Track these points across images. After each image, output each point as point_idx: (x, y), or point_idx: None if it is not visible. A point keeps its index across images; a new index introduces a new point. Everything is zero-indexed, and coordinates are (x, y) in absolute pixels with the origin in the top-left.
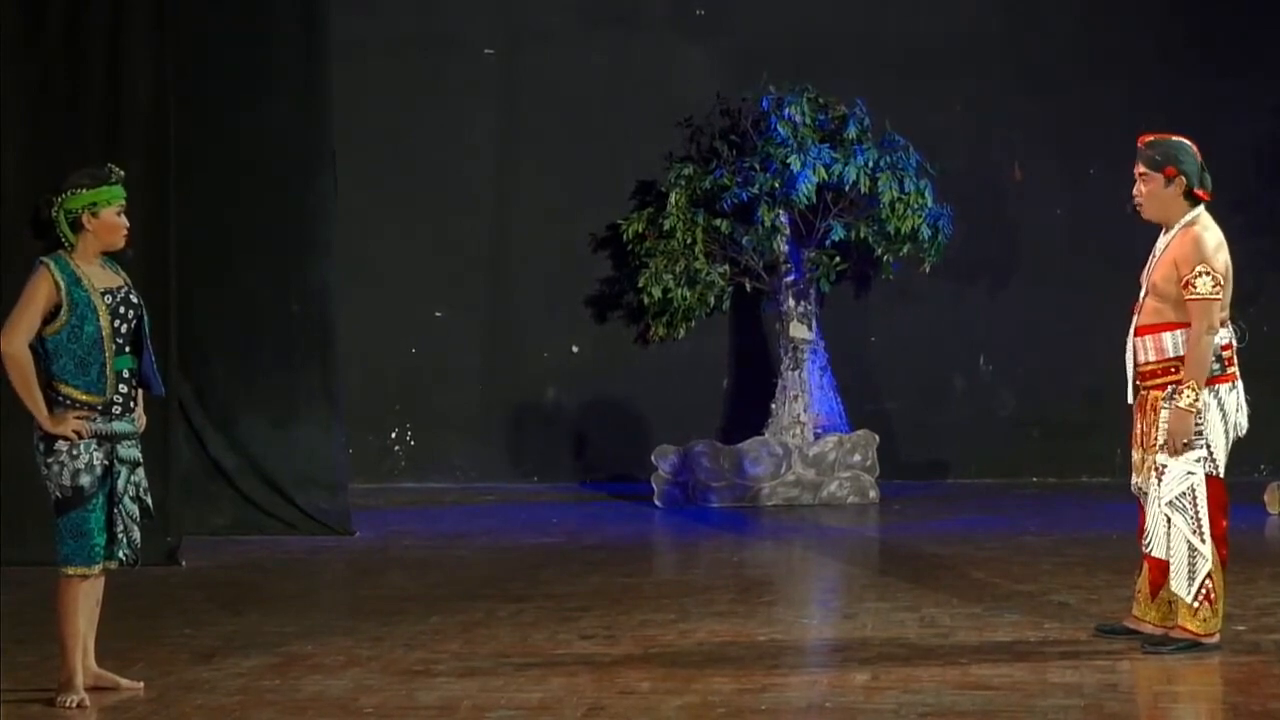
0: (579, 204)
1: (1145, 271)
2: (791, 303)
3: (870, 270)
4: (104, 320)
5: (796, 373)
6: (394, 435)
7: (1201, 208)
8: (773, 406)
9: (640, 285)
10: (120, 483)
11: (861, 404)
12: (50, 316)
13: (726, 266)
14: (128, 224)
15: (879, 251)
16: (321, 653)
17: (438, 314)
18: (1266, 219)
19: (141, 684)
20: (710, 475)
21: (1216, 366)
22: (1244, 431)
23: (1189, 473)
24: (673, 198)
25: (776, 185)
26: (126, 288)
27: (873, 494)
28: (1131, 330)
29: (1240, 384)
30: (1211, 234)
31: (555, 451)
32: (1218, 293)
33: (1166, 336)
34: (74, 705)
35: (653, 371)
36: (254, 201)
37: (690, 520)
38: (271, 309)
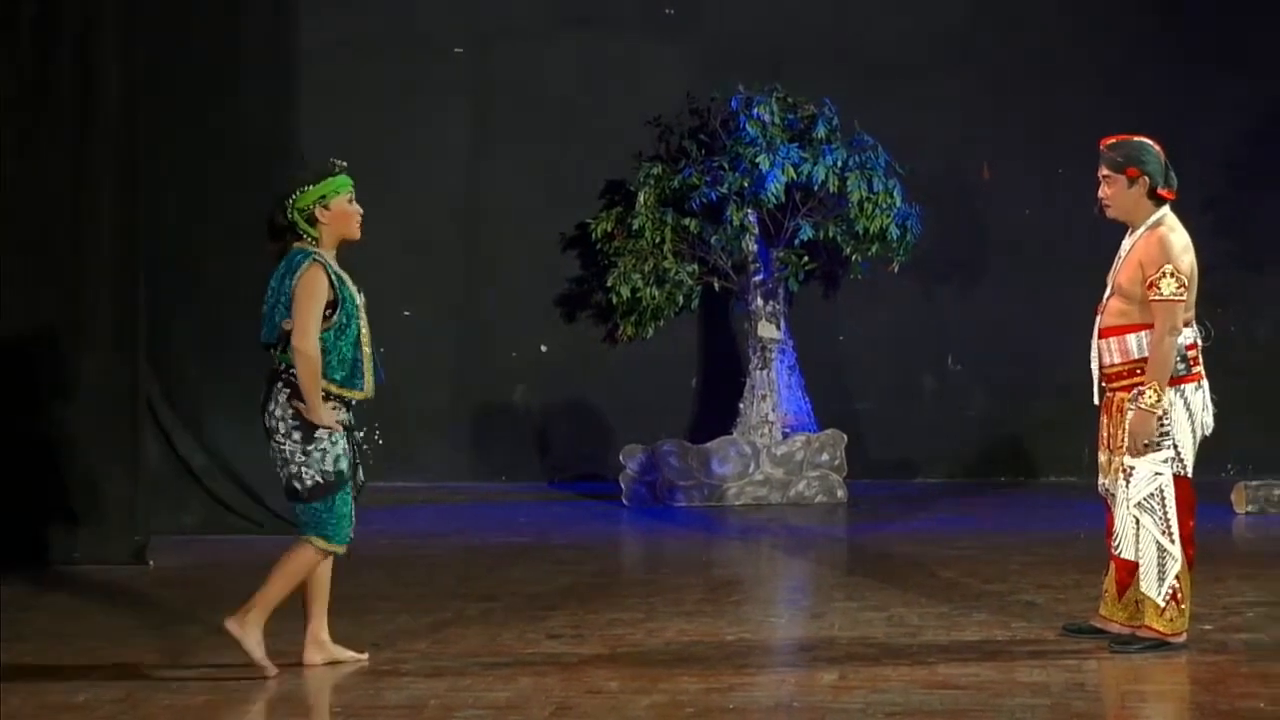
0: (548, 203)
1: (1111, 272)
2: (760, 302)
3: (839, 270)
4: (363, 319)
5: (765, 372)
6: (362, 435)
7: (1167, 208)
8: (741, 406)
9: (609, 284)
10: (359, 470)
11: (830, 403)
12: (325, 315)
13: (695, 266)
14: (361, 210)
15: (847, 251)
16: (289, 652)
17: (406, 313)
18: (1234, 219)
19: (366, 655)
20: (678, 474)
21: (1182, 367)
22: (1210, 431)
23: (1156, 473)
24: (641, 197)
25: (745, 185)
26: (358, 285)
27: (841, 493)
28: (1096, 332)
29: (1206, 384)
30: (1177, 235)
31: (524, 450)
32: (1182, 294)
33: (1131, 338)
34: (271, 673)
35: (621, 371)
36: (224, 200)
37: (658, 519)
38: (241, 308)
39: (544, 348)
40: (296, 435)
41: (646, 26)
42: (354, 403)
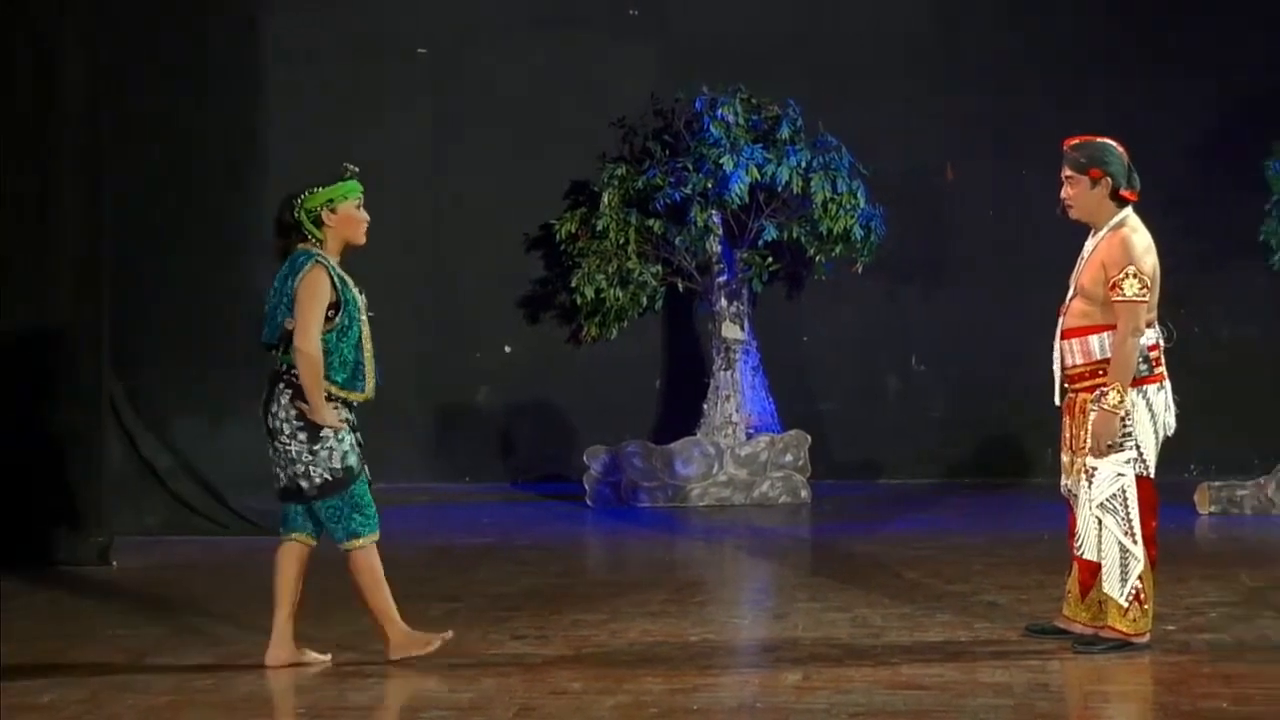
0: (512, 204)
1: (1073, 273)
2: (724, 303)
3: (803, 270)
4: (365, 323)
5: (729, 373)
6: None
7: (1129, 209)
8: (705, 407)
9: (573, 285)
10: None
11: (794, 404)
12: (327, 316)
13: (659, 267)
14: (368, 217)
15: (811, 252)
16: (254, 653)
17: (370, 314)
18: (1198, 220)
19: (329, 656)
20: (642, 475)
21: (1144, 367)
22: (1172, 431)
23: (1119, 474)
24: (606, 198)
25: (709, 185)
26: (360, 286)
27: (805, 494)
28: (1058, 333)
29: (1168, 384)
30: (1140, 236)
31: (487, 451)
32: (1144, 295)
33: (1093, 339)
34: (441, 643)
35: (585, 371)
36: (188, 201)
37: (622, 520)
38: (205, 309)
39: (508, 348)
40: (302, 436)
41: (611, 27)
42: (355, 404)
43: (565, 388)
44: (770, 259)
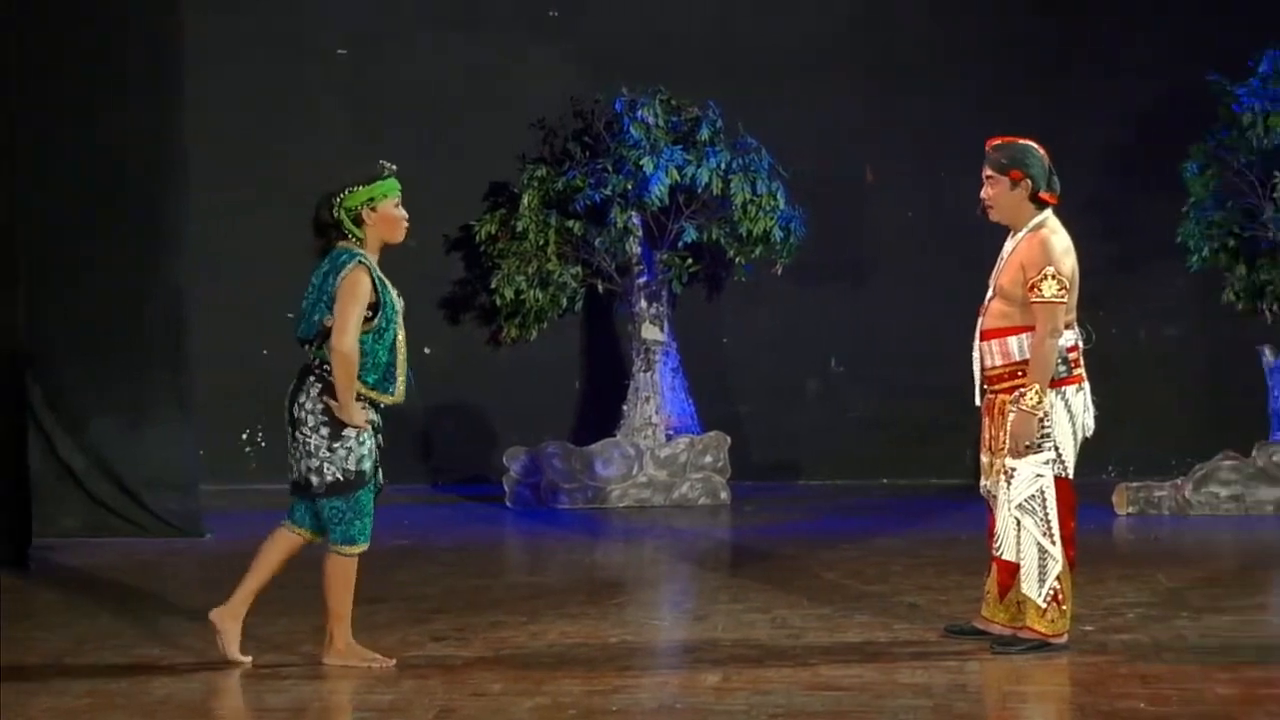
0: (431, 205)
1: (993, 274)
2: (644, 304)
3: (722, 272)
4: (400, 326)
5: (648, 374)
6: (245, 436)
7: (1049, 211)
8: (624, 408)
9: (493, 287)
10: (379, 472)
11: (713, 405)
12: (365, 317)
13: (579, 268)
14: (406, 216)
15: (731, 253)
16: (172, 655)
17: (289, 315)
18: (1115, 221)
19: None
20: (561, 476)
21: (1063, 369)
22: (1091, 433)
23: (1038, 475)
24: (525, 199)
25: (629, 187)
26: (397, 289)
27: (724, 495)
28: (977, 334)
29: (1087, 385)
30: (1059, 238)
31: (407, 453)
32: (1062, 296)
33: (1012, 340)
34: (383, 666)
35: (505, 373)
36: (106, 202)
37: (541, 522)
38: (123, 310)
39: (427, 350)
40: (324, 430)
41: (530, 28)
42: (382, 406)
43: (485, 389)
44: (690, 260)
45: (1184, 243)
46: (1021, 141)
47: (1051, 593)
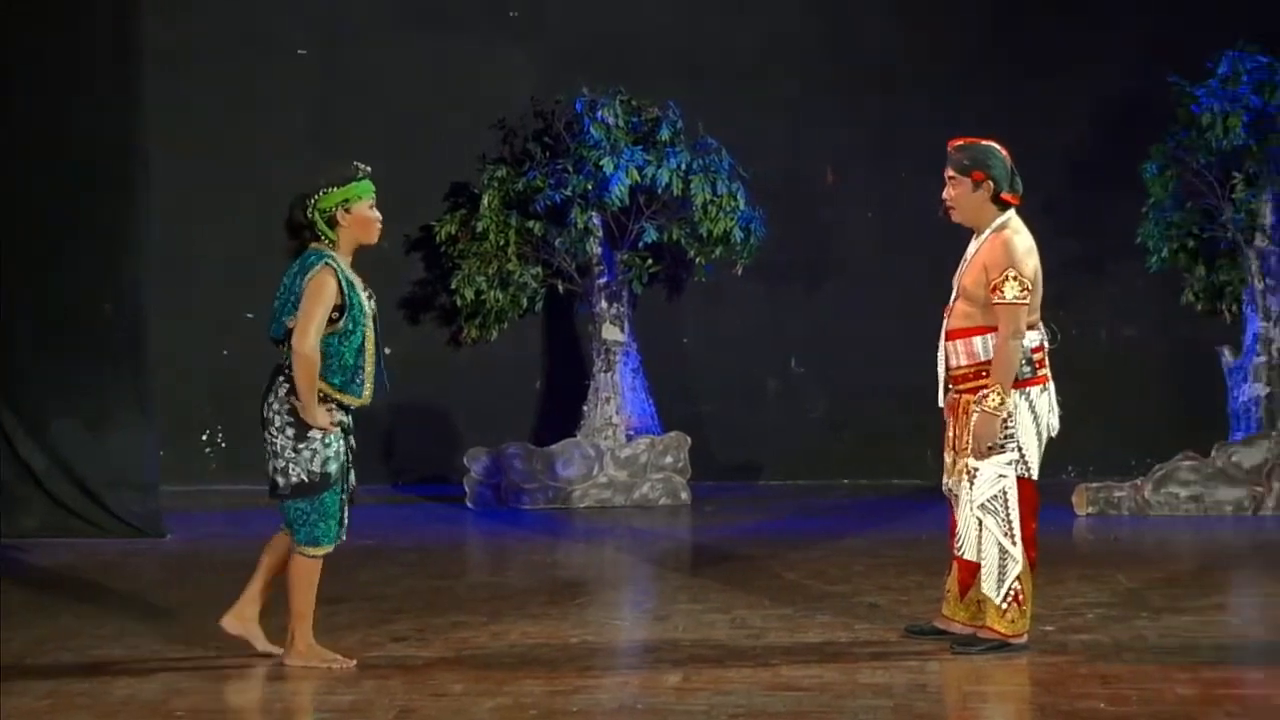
0: (392, 205)
1: (956, 275)
2: (604, 305)
3: (683, 272)
4: (369, 329)
5: (609, 375)
6: (206, 437)
7: (1012, 212)
8: (585, 408)
9: (453, 287)
10: (350, 473)
11: (674, 406)
12: (331, 319)
13: (539, 268)
14: (380, 218)
15: (691, 254)
16: (133, 655)
17: (249, 315)
18: (1075, 221)
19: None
20: (522, 477)
21: (1028, 369)
22: (1056, 432)
23: (1000, 475)
24: (486, 199)
25: (589, 187)
26: (369, 290)
27: (685, 495)
28: (942, 334)
29: (1052, 386)
30: (1021, 238)
31: (367, 453)
32: (1025, 297)
33: (977, 340)
34: (344, 666)
35: (465, 373)
36: (66, 202)
37: (502, 522)
38: (83, 310)
39: (388, 350)
40: (290, 431)
41: (491, 28)
42: (351, 408)
43: (446, 390)
44: (650, 261)
45: (1144, 243)
46: (983, 142)
47: (1011, 593)
